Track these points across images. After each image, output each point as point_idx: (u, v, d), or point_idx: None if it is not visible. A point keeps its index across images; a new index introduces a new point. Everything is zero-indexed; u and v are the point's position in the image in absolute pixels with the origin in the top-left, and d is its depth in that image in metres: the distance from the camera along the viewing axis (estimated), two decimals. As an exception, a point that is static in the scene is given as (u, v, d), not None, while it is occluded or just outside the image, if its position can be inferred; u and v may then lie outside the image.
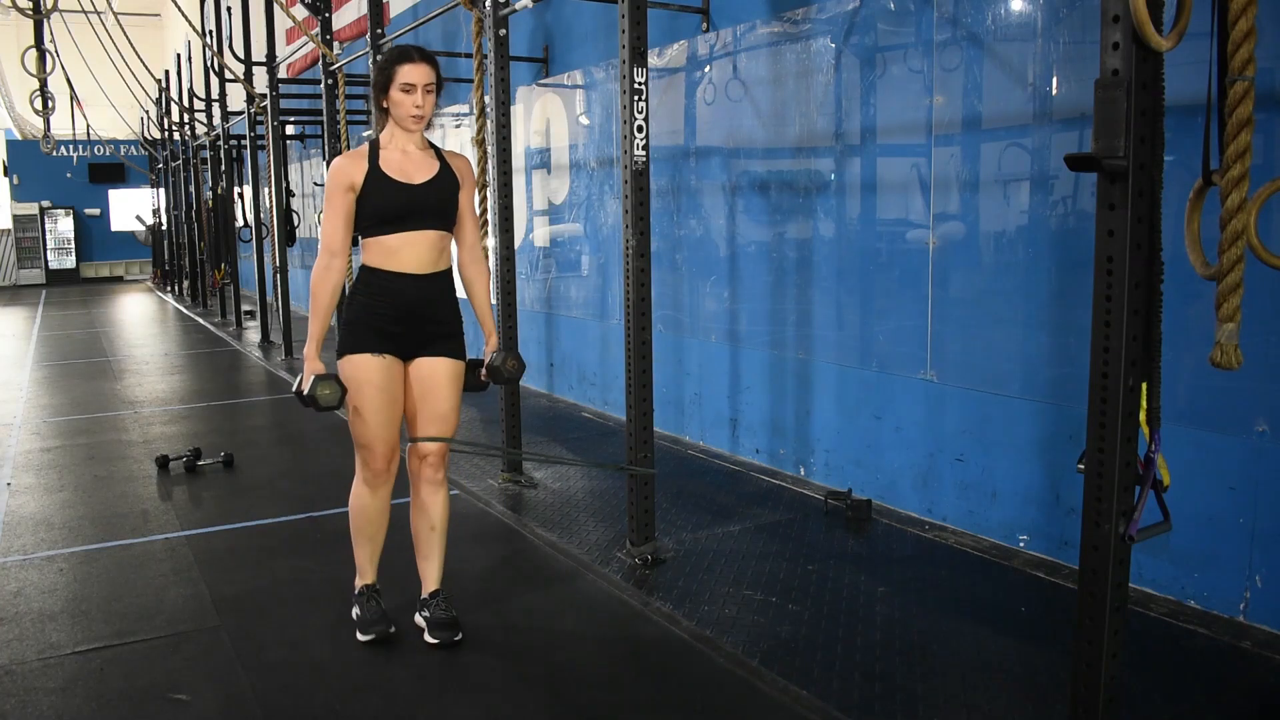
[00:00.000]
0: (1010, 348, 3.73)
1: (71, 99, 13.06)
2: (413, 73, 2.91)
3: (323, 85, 7.37)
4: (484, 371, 3.20)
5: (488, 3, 4.64)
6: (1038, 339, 3.62)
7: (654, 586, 3.46)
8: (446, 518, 3.11)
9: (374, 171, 2.94)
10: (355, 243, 3.10)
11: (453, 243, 3.13)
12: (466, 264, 3.21)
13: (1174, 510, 2.25)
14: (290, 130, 12.07)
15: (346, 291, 3.41)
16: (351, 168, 2.95)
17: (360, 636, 3.12)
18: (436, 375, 3.06)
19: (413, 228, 2.98)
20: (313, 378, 2.90)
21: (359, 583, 3.23)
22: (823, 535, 3.98)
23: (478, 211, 4.73)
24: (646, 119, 3.57)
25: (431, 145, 3.11)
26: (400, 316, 2.99)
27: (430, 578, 3.12)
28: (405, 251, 2.98)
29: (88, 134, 18.31)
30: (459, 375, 3.12)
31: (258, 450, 5.77)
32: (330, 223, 2.96)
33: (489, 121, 4.69)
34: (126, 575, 3.72)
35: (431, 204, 3.00)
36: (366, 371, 2.98)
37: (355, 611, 3.21)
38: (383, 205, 2.94)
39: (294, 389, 3.00)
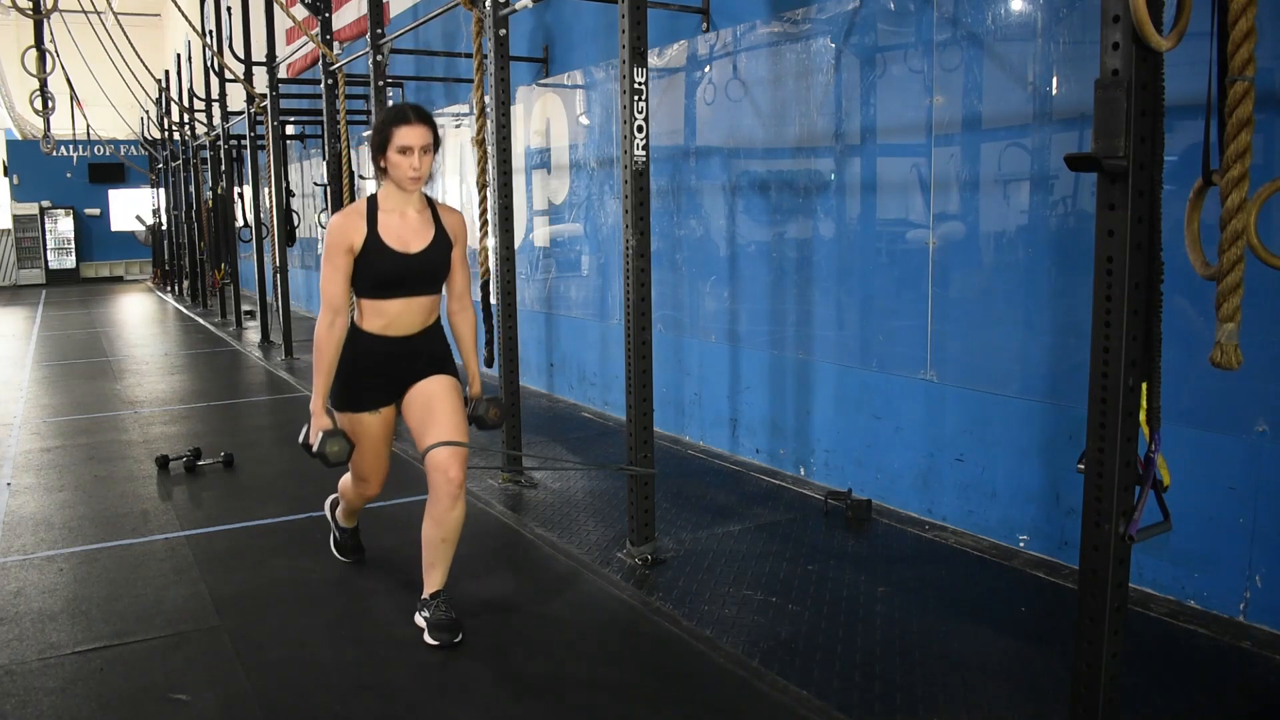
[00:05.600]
0: (1010, 348, 3.73)
1: (71, 99, 13.06)
2: (409, 134, 2.99)
3: (323, 85, 7.37)
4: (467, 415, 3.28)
5: (488, 3, 4.64)
6: (1038, 339, 3.62)
7: (654, 586, 3.46)
8: (459, 531, 3.10)
9: (372, 237, 3.05)
10: None
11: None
12: (455, 312, 3.36)
13: (1174, 510, 2.25)
14: (290, 130, 12.07)
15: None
16: (350, 229, 3.05)
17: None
18: (434, 390, 3.17)
19: (407, 294, 3.12)
20: (320, 434, 3.07)
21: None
22: (822, 535, 3.97)
23: (478, 217, 4.74)
24: (646, 119, 3.57)
25: (428, 202, 3.21)
26: (391, 370, 3.17)
27: (433, 581, 3.12)
28: (399, 317, 3.13)
29: (88, 134, 18.32)
30: (456, 388, 3.21)
31: (258, 450, 5.77)
32: (330, 281, 3.07)
33: (489, 121, 4.69)
34: (126, 575, 3.72)
35: (427, 272, 3.14)
36: (363, 426, 3.20)
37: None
38: (380, 273, 3.07)
39: (300, 440, 3.19)
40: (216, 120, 12.39)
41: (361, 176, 7.90)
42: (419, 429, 3.13)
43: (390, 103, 7.49)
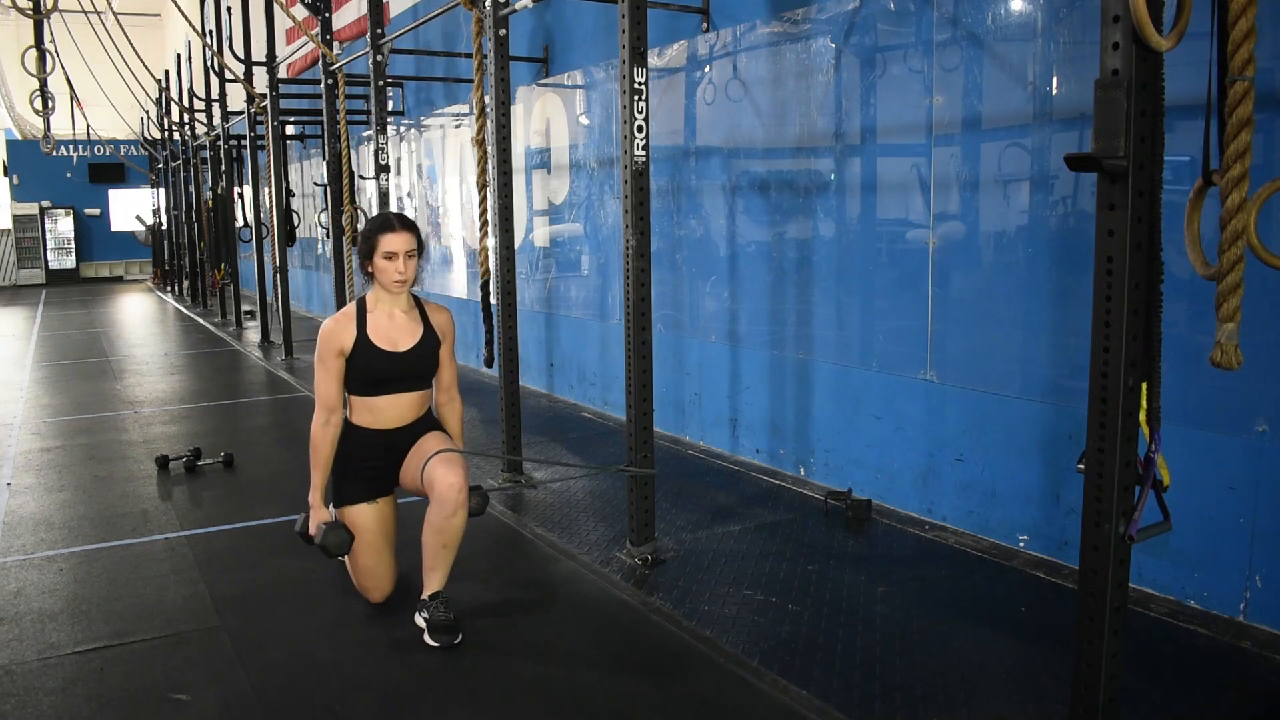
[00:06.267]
0: (1010, 348, 3.72)
1: (71, 99, 13.04)
2: (394, 241, 3.16)
3: (323, 85, 7.37)
4: None
5: (488, 3, 4.64)
6: (1038, 339, 3.62)
7: (654, 586, 3.46)
8: (460, 538, 3.13)
9: (362, 338, 3.22)
10: None
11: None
12: (443, 404, 3.49)
13: (1174, 510, 2.25)
14: (290, 130, 12.06)
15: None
16: (341, 333, 3.20)
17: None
18: (420, 439, 3.29)
19: (396, 390, 3.28)
20: (322, 527, 3.22)
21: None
22: (823, 535, 3.98)
23: (481, 225, 4.73)
24: (646, 119, 3.57)
25: (416, 301, 3.35)
26: (383, 459, 3.30)
27: (432, 582, 3.13)
28: (389, 411, 3.29)
29: (88, 134, 18.31)
30: (445, 434, 3.35)
31: (258, 450, 5.77)
32: (323, 383, 3.23)
33: (489, 121, 4.69)
34: (126, 575, 3.72)
35: (416, 369, 3.30)
36: (364, 519, 3.29)
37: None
38: (370, 371, 3.23)
39: (298, 528, 3.32)
40: (216, 120, 12.39)
41: (362, 176, 7.91)
42: (415, 467, 3.22)
43: (390, 103, 7.50)
